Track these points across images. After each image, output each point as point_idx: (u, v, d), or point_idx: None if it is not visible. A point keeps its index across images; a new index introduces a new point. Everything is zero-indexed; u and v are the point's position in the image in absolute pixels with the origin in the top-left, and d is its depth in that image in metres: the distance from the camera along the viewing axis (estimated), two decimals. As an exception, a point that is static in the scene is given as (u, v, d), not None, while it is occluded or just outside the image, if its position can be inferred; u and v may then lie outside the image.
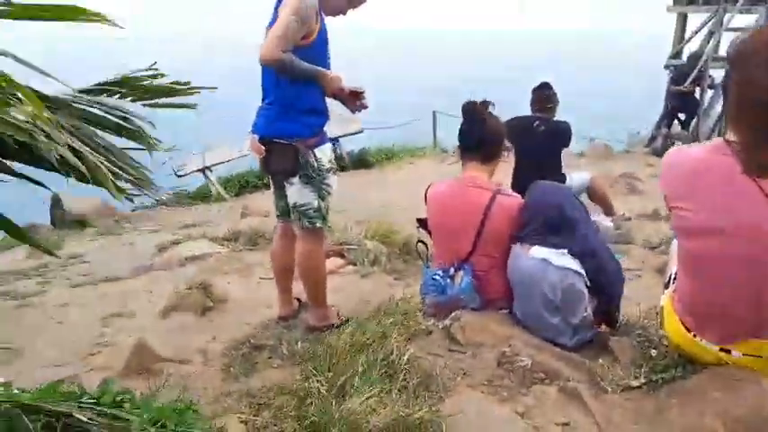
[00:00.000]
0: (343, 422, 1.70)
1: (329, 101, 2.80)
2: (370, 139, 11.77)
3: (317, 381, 2.01)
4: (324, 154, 2.80)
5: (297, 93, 2.67)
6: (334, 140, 10.24)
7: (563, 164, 5.54)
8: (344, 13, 2.78)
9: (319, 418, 1.75)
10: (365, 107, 2.79)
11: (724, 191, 1.75)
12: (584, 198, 5.80)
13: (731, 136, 1.79)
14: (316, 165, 2.75)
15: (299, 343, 2.74)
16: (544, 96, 5.47)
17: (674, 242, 2.17)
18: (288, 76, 2.59)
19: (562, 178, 5.49)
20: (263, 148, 2.75)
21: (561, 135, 5.42)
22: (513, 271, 2.59)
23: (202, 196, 9.46)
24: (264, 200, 6.46)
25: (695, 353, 1.98)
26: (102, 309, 3.59)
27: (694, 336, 1.95)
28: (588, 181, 5.66)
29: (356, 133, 10.55)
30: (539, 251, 2.49)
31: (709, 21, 10.60)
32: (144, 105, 2.29)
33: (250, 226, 5.20)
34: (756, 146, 1.70)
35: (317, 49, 2.63)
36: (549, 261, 2.46)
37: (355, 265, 4.17)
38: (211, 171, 9.37)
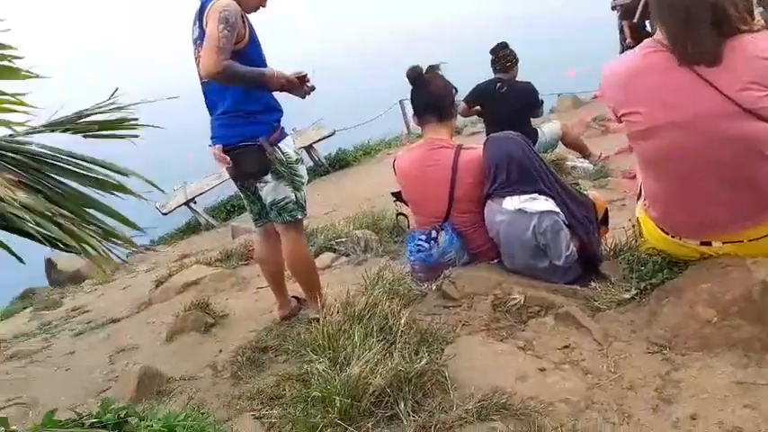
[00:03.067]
0: (345, 388, 1.72)
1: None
2: (345, 140, 11.75)
3: (319, 361, 2.02)
4: (288, 146, 2.83)
5: (246, 95, 2.70)
6: (309, 147, 10.25)
7: (530, 120, 5.60)
8: (264, 5, 2.80)
9: (322, 392, 1.76)
10: (313, 89, 2.81)
11: (664, 86, 1.78)
12: (559, 147, 5.86)
13: (658, 35, 1.82)
14: (284, 158, 2.78)
15: (302, 336, 2.74)
16: (502, 55, 5.57)
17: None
18: (234, 84, 2.63)
19: (534, 133, 5.54)
20: (228, 157, 2.77)
21: (528, 97, 5.49)
22: (492, 227, 2.60)
23: (193, 229, 9.44)
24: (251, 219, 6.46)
25: (678, 253, 2.01)
26: (108, 349, 3.59)
27: (672, 236, 1.98)
28: (559, 129, 5.71)
29: (329, 136, 10.53)
30: (511, 202, 2.50)
31: None
32: (86, 137, 2.31)
33: (240, 244, 5.19)
34: (684, 34, 1.72)
35: (251, 50, 2.66)
36: (524, 209, 2.47)
37: (348, 255, 4.18)
38: (195, 203, 9.35)
